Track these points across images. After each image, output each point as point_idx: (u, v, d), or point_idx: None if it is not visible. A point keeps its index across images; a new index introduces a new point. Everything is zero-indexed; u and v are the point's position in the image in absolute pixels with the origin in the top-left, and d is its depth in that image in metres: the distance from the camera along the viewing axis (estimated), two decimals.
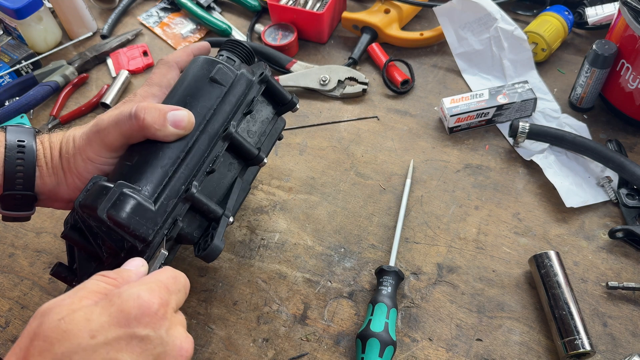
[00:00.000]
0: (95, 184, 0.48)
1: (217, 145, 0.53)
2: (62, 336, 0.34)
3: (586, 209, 0.69)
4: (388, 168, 0.75)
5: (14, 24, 0.91)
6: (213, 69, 0.55)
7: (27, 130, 0.53)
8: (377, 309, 0.59)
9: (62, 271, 0.54)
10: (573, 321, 0.57)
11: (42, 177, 0.52)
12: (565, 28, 0.83)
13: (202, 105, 0.53)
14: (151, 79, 0.57)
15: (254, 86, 0.57)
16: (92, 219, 0.47)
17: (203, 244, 0.52)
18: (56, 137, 0.54)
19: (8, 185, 0.50)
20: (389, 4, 0.91)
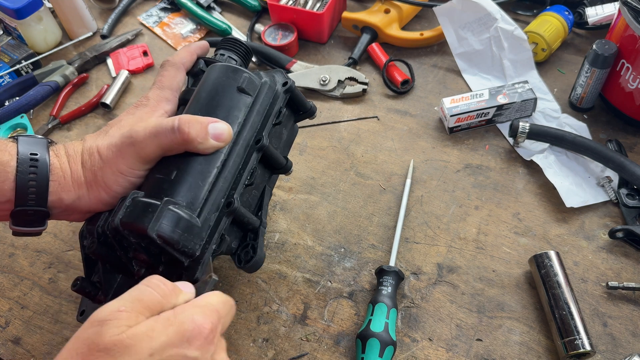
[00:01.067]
0: (136, 200, 0.46)
1: (251, 156, 0.53)
2: (125, 351, 0.35)
3: (586, 209, 0.69)
4: (388, 168, 0.75)
5: (14, 24, 0.91)
6: (240, 78, 0.54)
7: (39, 141, 0.50)
8: (377, 309, 0.59)
9: (86, 286, 0.52)
10: (573, 321, 0.57)
11: (58, 192, 0.49)
12: (566, 28, 0.83)
13: (233, 115, 0.53)
14: (161, 82, 0.56)
15: (279, 96, 0.57)
16: (135, 236, 0.46)
17: (244, 255, 0.52)
18: (74, 149, 0.51)
19: (20, 201, 0.47)
20: (389, 4, 0.91)
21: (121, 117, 0.54)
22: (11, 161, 0.47)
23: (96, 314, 0.37)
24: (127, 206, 0.46)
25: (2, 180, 0.46)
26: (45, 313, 0.66)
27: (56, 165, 0.49)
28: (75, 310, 0.65)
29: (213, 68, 0.56)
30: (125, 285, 0.51)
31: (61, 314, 0.65)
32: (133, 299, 0.38)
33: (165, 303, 0.39)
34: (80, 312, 0.54)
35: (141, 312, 0.37)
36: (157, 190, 0.48)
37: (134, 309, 0.37)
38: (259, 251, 0.52)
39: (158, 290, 0.39)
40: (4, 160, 0.47)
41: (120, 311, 0.36)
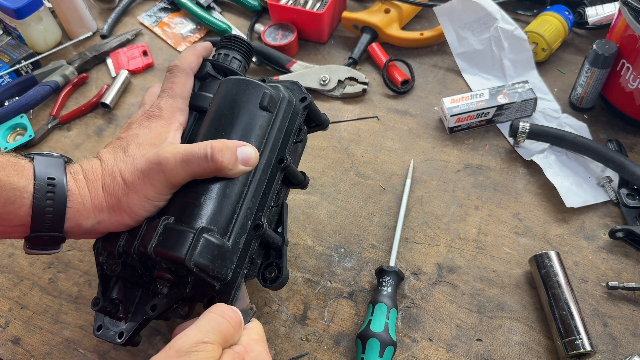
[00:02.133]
0: (168, 227, 0.46)
1: (274, 176, 0.53)
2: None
3: (586, 209, 0.69)
4: (388, 168, 0.75)
5: (13, 23, 0.91)
6: (261, 95, 0.53)
7: (56, 162, 0.48)
8: (377, 309, 0.59)
9: (107, 305, 0.52)
10: (573, 321, 0.57)
11: (76, 218, 0.47)
12: (566, 28, 0.83)
13: (256, 135, 0.52)
14: (173, 90, 0.55)
15: (298, 111, 0.56)
16: (168, 262, 0.46)
17: (269, 274, 0.53)
18: (93, 171, 0.49)
19: (35, 227, 0.46)
20: (389, 3, 0.91)
21: (136, 131, 0.52)
22: (28, 186, 0.45)
23: (180, 343, 0.38)
24: (159, 233, 0.46)
25: (18, 206, 0.45)
26: (45, 313, 0.66)
27: (74, 191, 0.47)
28: (75, 310, 0.65)
29: (232, 82, 0.55)
30: (145, 301, 0.52)
31: (61, 314, 0.65)
32: (214, 331, 0.40)
33: (235, 334, 0.42)
34: (97, 328, 0.53)
35: (221, 344, 0.40)
36: (187, 215, 0.48)
37: (216, 341, 0.39)
38: (284, 270, 0.53)
39: (232, 322, 0.42)
40: (21, 185, 0.45)
41: (204, 342, 0.38)
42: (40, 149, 0.83)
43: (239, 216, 0.49)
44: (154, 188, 0.48)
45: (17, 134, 0.84)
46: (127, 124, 0.54)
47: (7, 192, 0.44)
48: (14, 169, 0.46)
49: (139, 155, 0.49)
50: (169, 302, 0.49)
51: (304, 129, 0.57)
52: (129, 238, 0.50)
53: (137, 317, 0.52)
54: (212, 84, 0.58)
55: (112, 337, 0.52)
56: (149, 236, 0.47)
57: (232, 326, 0.41)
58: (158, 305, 0.50)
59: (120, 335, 0.52)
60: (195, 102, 0.56)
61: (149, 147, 0.50)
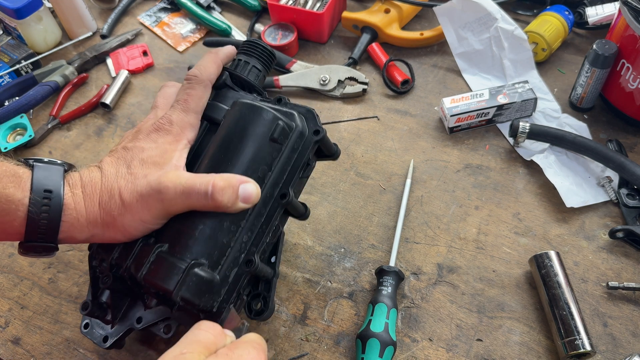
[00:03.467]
0: (160, 257, 0.47)
1: (275, 210, 0.52)
2: None
3: (586, 209, 0.69)
4: (388, 168, 0.75)
5: (13, 23, 0.91)
6: (272, 127, 0.51)
7: (56, 171, 0.48)
8: (377, 309, 0.59)
9: (96, 310, 0.53)
10: (573, 321, 0.57)
11: (70, 231, 0.48)
12: (566, 28, 0.83)
13: (262, 168, 0.51)
14: (187, 104, 0.53)
15: (309, 144, 0.54)
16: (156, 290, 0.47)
17: (254, 305, 0.54)
18: (92, 185, 0.49)
19: (29, 237, 0.47)
20: (389, 3, 0.91)
21: (143, 145, 0.51)
22: (24, 199, 0.46)
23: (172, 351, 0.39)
24: (151, 262, 0.47)
25: (13, 218, 0.46)
26: (45, 313, 0.66)
27: (70, 205, 0.47)
28: (75, 310, 0.65)
29: (245, 108, 0.53)
30: (133, 309, 0.53)
31: (61, 314, 0.65)
32: (191, 342, 0.40)
33: (218, 342, 0.41)
34: (84, 325, 0.56)
35: (201, 352, 0.39)
36: (181, 245, 0.48)
37: (195, 350, 0.39)
38: (271, 304, 0.53)
39: (210, 331, 0.41)
40: (16, 198, 0.45)
41: (183, 353, 0.38)
42: (40, 149, 0.83)
43: (232, 249, 0.49)
44: (150, 213, 0.48)
45: (17, 134, 0.84)
46: (136, 131, 0.53)
47: (2, 205, 0.45)
48: (10, 180, 0.46)
49: (141, 174, 0.49)
50: (154, 318, 0.50)
51: (312, 164, 0.56)
52: (123, 252, 0.50)
53: (124, 324, 0.53)
54: (227, 94, 0.57)
55: (98, 339, 0.54)
56: (142, 258, 0.47)
57: (211, 334, 0.41)
58: (144, 318, 0.51)
59: (104, 339, 0.54)
60: (208, 113, 0.55)
61: (152, 167, 0.49)
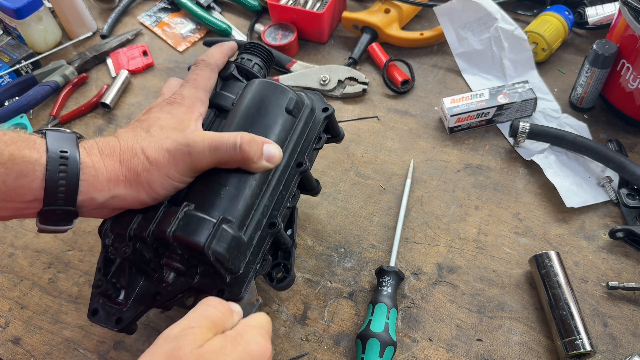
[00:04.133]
0: (189, 214, 0.47)
1: (292, 178, 0.54)
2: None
3: (586, 209, 0.69)
4: (388, 168, 0.75)
5: (13, 23, 0.91)
6: (287, 99, 0.56)
7: (68, 136, 0.48)
8: (377, 309, 0.59)
9: (109, 288, 0.52)
10: (573, 321, 0.57)
11: (90, 191, 0.47)
12: (566, 28, 0.83)
13: (280, 136, 0.54)
14: (196, 81, 0.55)
15: (319, 120, 0.58)
16: (184, 248, 0.47)
17: (275, 273, 0.55)
18: (109, 146, 0.49)
19: (48, 201, 0.46)
20: (389, 3, 0.91)
21: (158, 115, 0.52)
22: (40, 159, 0.45)
23: (168, 331, 0.39)
24: (180, 219, 0.47)
25: (31, 179, 0.45)
26: (45, 313, 0.66)
27: (88, 163, 0.47)
28: (75, 310, 0.65)
29: (261, 84, 0.57)
30: (148, 289, 0.52)
31: (61, 314, 0.65)
32: (200, 316, 0.40)
33: (226, 321, 0.42)
34: (92, 311, 0.53)
35: (209, 328, 0.40)
36: (208, 204, 0.49)
37: (203, 325, 0.39)
38: (292, 271, 0.54)
39: (218, 308, 0.42)
40: (33, 158, 0.45)
41: (191, 327, 0.39)
42: None
43: (256, 212, 0.51)
44: (177, 168, 0.48)
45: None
46: (146, 109, 0.54)
47: (20, 166, 0.44)
48: (25, 143, 0.45)
49: (163, 136, 0.49)
50: (174, 291, 0.50)
51: (323, 137, 0.59)
52: (142, 222, 0.50)
53: (138, 304, 0.52)
54: (234, 85, 0.59)
55: (108, 322, 0.52)
56: (167, 221, 0.47)
57: (219, 312, 0.41)
58: (162, 294, 0.50)
59: (118, 321, 0.52)
60: (216, 100, 0.57)
61: (172, 131, 0.50)
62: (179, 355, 0.37)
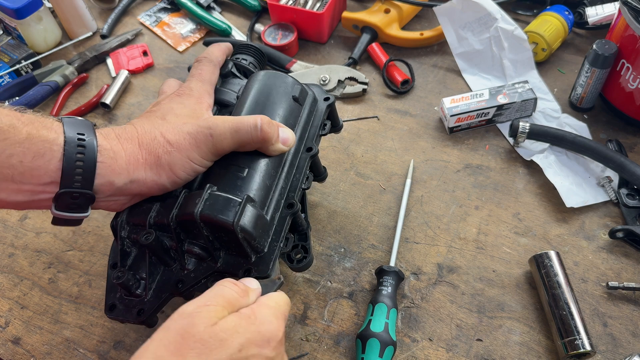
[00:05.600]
0: (214, 195, 0.48)
1: (304, 162, 0.56)
2: (219, 344, 0.37)
3: (586, 209, 0.69)
4: (388, 168, 0.75)
5: (13, 23, 0.91)
6: (292, 87, 0.58)
7: (85, 122, 0.47)
8: (377, 309, 0.59)
9: (130, 278, 0.51)
10: (573, 321, 0.57)
11: (108, 175, 0.46)
12: (566, 28, 0.83)
13: (288, 122, 0.56)
14: (202, 75, 0.57)
15: (322, 109, 0.61)
16: (212, 228, 0.47)
17: (294, 254, 0.56)
18: (126, 132, 0.49)
19: (65, 182, 0.45)
20: (389, 3, 0.91)
21: (170, 105, 0.52)
22: (58, 139, 0.44)
23: (183, 308, 0.39)
24: (206, 199, 0.47)
25: (48, 159, 0.44)
26: (45, 313, 0.66)
27: (105, 146, 0.46)
28: (75, 310, 0.65)
29: (268, 74, 0.59)
30: (167, 278, 0.51)
31: (61, 314, 0.65)
32: (215, 295, 0.41)
33: (242, 300, 0.42)
34: (109, 307, 0.52)
35: (225, 307, 0.40)
36: (231, 186, 0.50)
37: (219, 303, 0.40)
38: (310, 252, 0.56)
39: (234, 288, 0.42)
40: (50, 138, 0.44)
41: (207, 305, 0.39)
42: None
43: (274, 193, 0.52)
44: (199, 151, 0.49)
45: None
46: (155, 103, 0.54)
47: (37, 145, 0.43)
48: (42, 124, 0.45)
49: (180, 122, 0.50)
50: (197, 277, 0.50)
51: (328, 124, 0.62)
52: (162, 210, 0.50)
53: (159, 294, 0.51)
54: (233, 81, 0.62)
55: (129, 315, 0.51)
56: (191, 203, 0.47)
57: (235, 292, 0.42)
58: (185, 281, 0.50)
59: (140, 312, 0.51)
60: (218, 96, 0.59)
61: (187, 118, 0.51)
62: (192, 332, 0.37)
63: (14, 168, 0.43)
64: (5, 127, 0.43)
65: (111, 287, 0.54)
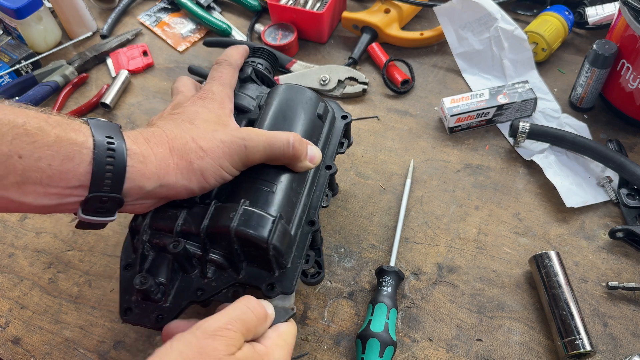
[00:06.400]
0: (248, 211, 0.48)
1: (323, 180, 0.58)
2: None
3: (586, 209, 0.69)
4: (388, 168, 0.75)
5: (13, 23, 0.91)
6: (317, 104, 0.60)
7: (112, 125, 0.46)
8: (377, 309, 0.59)
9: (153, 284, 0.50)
10: (573, 321, 0.57)
11: (137, 179, 0.45)
12: (566, 28, 0.83)
13: (312, 140, 0.57)
14: (222, 79, 0.56)
15: (340, 127, 0.63)
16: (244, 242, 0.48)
17: (309, 270, 0.57)
18: (154, 136, 0.48)
19: (95, 187, 0.43)
20: (389, 3, 0.91)
21: (195, 109, 0.51)
22: (87, 142, 0.43)
23: (206, 326, 0.41)
24: (240, 214, 0.48)
25: (77, 162, 0.42)
26: (45, 313, 0.66)
27: (135, 150, 0.45)
28: (75, 310, 0.65)
29: (294, 88, 0.60)
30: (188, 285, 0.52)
31: (61, 314, 0.65)
32: (237, 319, 0.42)
33: (259, 327, 0.44)
34: (124, 310, 0.51)
35: (243, 334, 0.42)
36: (262, 201, 0.51)
37: (239, 329, 0.41)
38: (324, 266, 0.57)
39: (256, 313, 0.44)
40: (80, 140, 0.43)
41: (228, 329, 0.41)
42: None
43: (297, 210, 0.53)
44: (231, 160, 0.49)
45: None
46: (176, 105, 0.53)
47: (66, 148, 0.42)
48: (70, 126, 0.44)
49: (210, 129, 0.50)
50: (218, 286, 0.51)
51: (345, 142, 0.64)
52: (190, 218, 0.50)
53: (179, 301, 0.51)
54: (250, 87, 0.61)
55: (147, 320, 0.51)
56: (225, 217, 0.48)
57: (255, 318, 0.43)
58: (206, 289, 0.51)
59: (159, 318, 0.51)
60: (237, 100, 0.59)
61: (215, 125, 0.51)
62: (212, 355, 0.39)
63: (42, 171, 0.41)
64: (34, 130, 0.41)
65: (125, 290, 0.53)
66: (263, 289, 0.49)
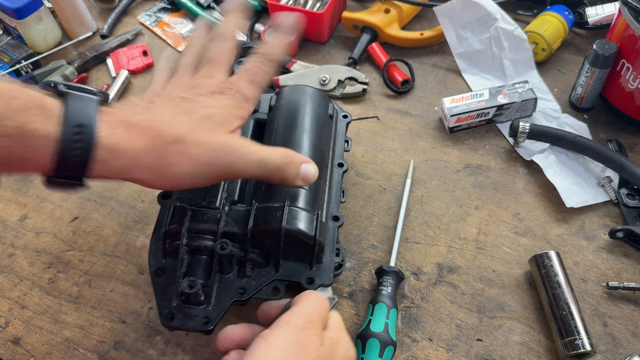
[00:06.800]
0: (294, 210, 0.52)
1: (338, 177, 0.62)
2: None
3: (586, 209, 0.69)
4: (388, 168, 0.75)
5: (13, 23, 0.91)
6: (329, 105, 0.64)
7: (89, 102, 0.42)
8: (377, 309, 0.59)
9: (200, 288, 0.50)
10: (573, 321, 0.57)
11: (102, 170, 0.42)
12: (566, 28, 0.83)
13: (325, 141, 0.60)
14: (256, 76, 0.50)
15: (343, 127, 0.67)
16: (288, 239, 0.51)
17: None
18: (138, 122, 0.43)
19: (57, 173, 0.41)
20: (389, 3, 0.91)
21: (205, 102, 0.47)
22: (52, 134, 0.39)
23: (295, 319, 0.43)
24: (287, 213, 0.51)
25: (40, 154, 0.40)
26: (45, 313, 0.66)
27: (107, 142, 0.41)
28: (75, 310, 0.65)
29: (306, 90, 0.63)
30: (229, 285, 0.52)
31: (61, 314, 0.65)
32: (316, 312, 0.45)
33: (326, 320, 0.47)
34: (167, 317, 0.51)
35: (322, 324, 0.45)
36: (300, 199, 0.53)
37: (320, 321, 0.45)
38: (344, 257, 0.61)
39: (324, 307, 0.47)
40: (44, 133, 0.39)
41: (312, 321, 0.44)
42: None
43: (325, 206, 0.57)
44: (212, 170, 0.45)
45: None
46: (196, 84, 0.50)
47: (28, 140, 0.39)
48: (37, 112, 0.40)
49: (206, 129, 0.45)
50: (258, 284, 0.52)
51: (350, 140, 0.67)
52: (230, 220, 0.52)
53: (222, 302, 0.51)
54: None
55: (194, 324, 0.50)
56: (271, 219, 0.51)
57: (325, 310, 0.46)
58: (247, 288, 0.52)
59: (207, 321, 0.50)
60: None
61: (217, 126, 0.46)
62: (309, 348, 0.41)
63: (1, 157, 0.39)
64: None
65: (162, 295, 0.52)
66: (303, 283, 0.52)
